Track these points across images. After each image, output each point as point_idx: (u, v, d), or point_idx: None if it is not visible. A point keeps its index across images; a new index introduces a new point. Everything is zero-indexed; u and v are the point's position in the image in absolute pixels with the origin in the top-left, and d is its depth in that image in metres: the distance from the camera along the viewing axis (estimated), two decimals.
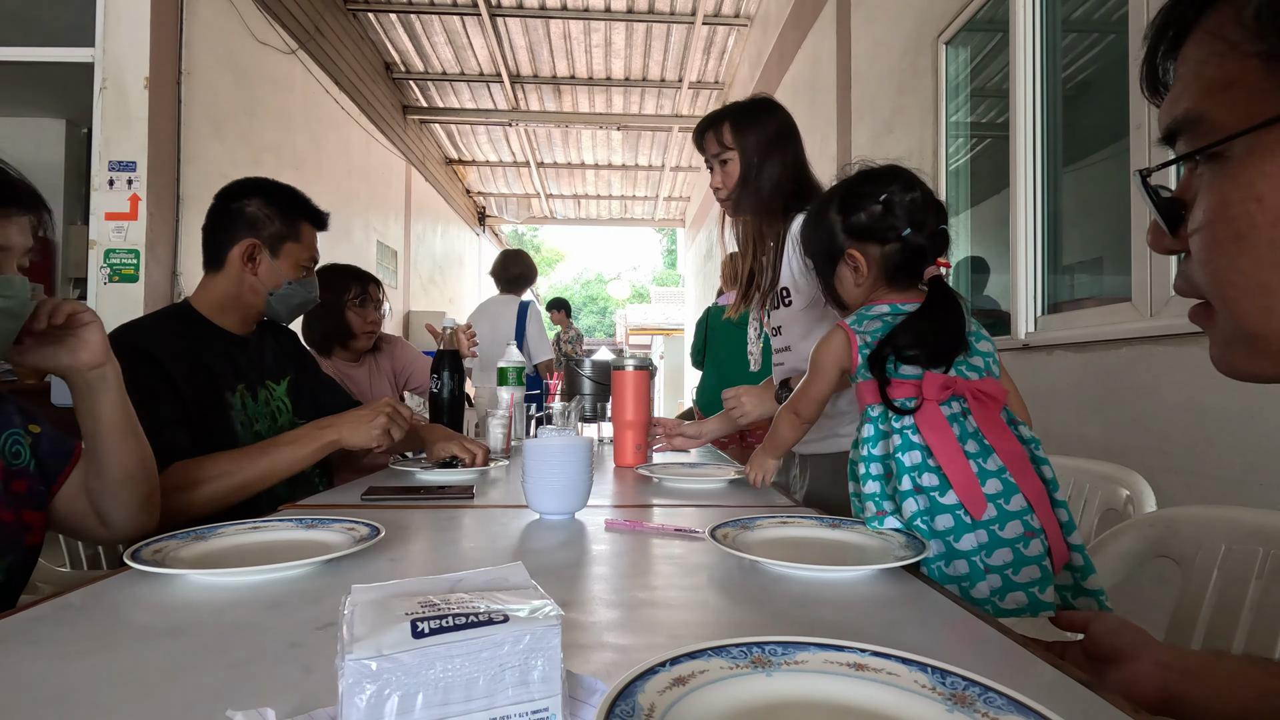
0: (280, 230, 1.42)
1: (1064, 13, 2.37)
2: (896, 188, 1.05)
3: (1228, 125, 0.39)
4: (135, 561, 0.71)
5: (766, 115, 1.53)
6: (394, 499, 1.18)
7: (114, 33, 3.45)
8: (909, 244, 1.04)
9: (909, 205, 1.04)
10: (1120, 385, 1.81)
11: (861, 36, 3.89)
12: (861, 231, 1.06)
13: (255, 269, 1.40)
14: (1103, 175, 2.20)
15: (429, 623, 0.35)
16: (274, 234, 1.41)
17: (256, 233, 1.40)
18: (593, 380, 2.40)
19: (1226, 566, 0.88)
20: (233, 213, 1.40)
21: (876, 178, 1.08)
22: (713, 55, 7.28)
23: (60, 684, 0.48)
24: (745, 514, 0.97)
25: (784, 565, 0.75)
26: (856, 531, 0.90)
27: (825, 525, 0.93)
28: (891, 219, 1.04)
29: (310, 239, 1.48)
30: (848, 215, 1.08)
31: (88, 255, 3.44)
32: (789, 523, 0.94)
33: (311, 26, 5.25)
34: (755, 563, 0.77)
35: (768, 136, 1.49)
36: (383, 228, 7.07)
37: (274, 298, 1.43)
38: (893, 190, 1.05)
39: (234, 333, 1.43)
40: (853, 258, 1.08)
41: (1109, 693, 0.47)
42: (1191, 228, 0.44)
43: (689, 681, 0.42)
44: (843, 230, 1.08)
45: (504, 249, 4.45)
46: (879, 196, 1.05)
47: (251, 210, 1.40)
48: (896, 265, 1.05)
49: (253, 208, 1.40)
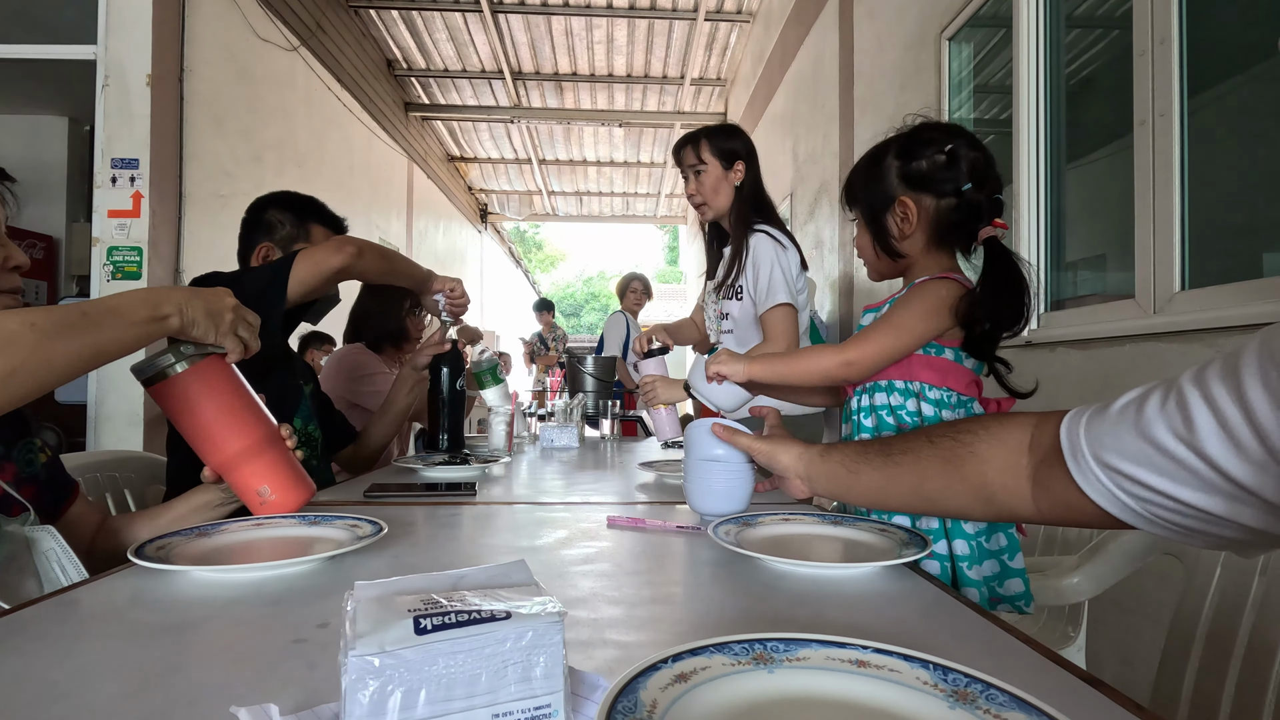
0: (291, 233, 1.51)
1: (1067, 8, 2.36)
2: (963, 142, 0.99)
3: None
4: (138, 558, 0.72)
5: (735, 137, 1.86)
6: (397, 495, 1.18)
7: (116, 30, 3.45)
8: (968, 200, 0.97)
9: (973, 160, 0.98)
10: (1123, 382, 1.81)
11: (864, 32, 3.88)
12: (919, 180, 1.00)
13: None
14: (1106, 171, 2.19)
15: (432, 619, 0.35)
16: (285, 237, 1.50)
17: (271, 237, 1.50)
18: (595, 378, 2.40)
19: (1229, 564, 0.88)
20: (254, 223, 1.52)
21: (944, 129, 1.02)
22: (715, 52, 7.27)
23: (63, 680, 0.48)
24: (748, 511, 0.97)
25: (791, 563, 0.75)
26: (858, 528, 0.90)
27: (828, 522, 0.93)
28: (954, 171, 0.98)
29: (321, 239, 1.53)
30: (907, 161, 1.01)
31: (90, 253, 3.45)
32: (791, 519, 0.94)
33: (313, 23, 5.25)
34: (758, 560, 0.77)
35: (736, 154, 1.82)
36: (385, 225, 7.08)
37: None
38: (959, 143, 0.99)
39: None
40: (904, 205, 1.01)
41: (1108, 687, 0.47)
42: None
43: (691, 678, 0.42)
44: (898, 176, 1.01)
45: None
46: (944, 146, 0.99)
47: (267, 217, 1.52)
48: (951, 223, 0.99)
49: (269, 215, 1.52)
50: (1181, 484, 0.50)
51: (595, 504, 1.17)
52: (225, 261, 1.54)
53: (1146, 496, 0.53)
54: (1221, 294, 1.56)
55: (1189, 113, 1.69)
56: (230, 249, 1.57)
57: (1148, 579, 1.60)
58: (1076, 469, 0.59)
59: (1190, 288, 1.67)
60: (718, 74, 7.71)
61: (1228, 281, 1.56)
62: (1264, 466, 0.45)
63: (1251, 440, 0.45)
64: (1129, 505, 0.55)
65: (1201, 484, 0.49)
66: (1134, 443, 0.53)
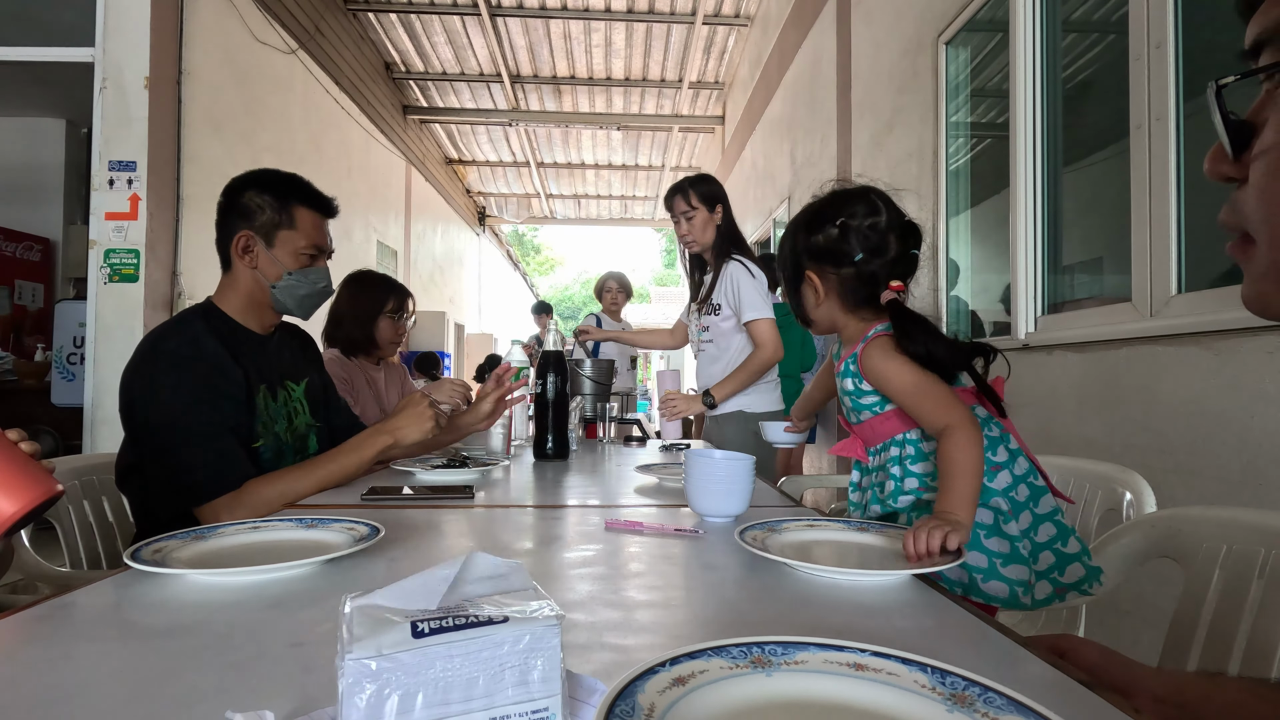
0: (273, 218, 1.36)
1: (1064, 13, 2.37)
2: (858, 210, 1.04)
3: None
4: (135, 561, 0.71)
5: (714, 184, 2.27)
6: (394, 499, 1.18)
7: (114, 32, 3.45)
8: (862, 270, 1.04)
9: (867, 230, 1.03)
10: (1120, 385, 1.81)
11: (862, 36, 3.89)
12: (819, 253, 1.07)
13: (254, 261, 1.37)
14: (1103, 175, 2.20)
15: (429, 622, 0.35)
16: (267, 222, 1.36)
17: (250, 223, 1.36)
18: (593, 380, 2.40)
19: (1228, 567, 0.88)
20: (232, 207, 1.38)
21: (840, 200, 1.07)
22: (713, 55, 7.29)
23: (60, 684, 0.48)
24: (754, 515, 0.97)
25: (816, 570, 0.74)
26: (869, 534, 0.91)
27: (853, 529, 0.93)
28: (845, 245, 1.04)
29: (309, 225, 1.39)
30: (809, 235, 1.08)
31: (88, 255, 3.44)
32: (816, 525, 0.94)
33: (311, 26, 5.26)
34: (757, 563, 0.77)
35: (717, 197, 2.23)
36: (383, 228, 7.07)
37: (277, 290, 1.38)
38: (852, 214, 1.04)
39: (255, 332, 1.41)
40: (809, 279, 1.08)
41: (1106, 691, 0.47)
42: (1257, 150, 0.41)
43: (689, 681, 0.42)
44: (804, 251, 1.08)
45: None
46: (836, 220, 1.05)
47: (245, 201, 1.37)
48: (852, 289, 1.06)
49: (247, 198, 1.37)
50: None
51: (593, 507, 1.16)
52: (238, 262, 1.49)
53: None
54: (1218, 297, 1.56)
55: (1185, 116, 1.70)
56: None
57: (1146, 581, 1.60)
58: None
59: (1187, 291, 1.68)
60: (715, 77, 7.73)
61: (1224, 284, 1.56)
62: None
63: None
64: None
65: None
66: None
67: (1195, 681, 0.61)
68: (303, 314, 1.46)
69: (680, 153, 9.66)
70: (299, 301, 1.42)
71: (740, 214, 7.49)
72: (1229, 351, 1.50)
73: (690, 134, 9.03)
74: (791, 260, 1.11)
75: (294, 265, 1.38)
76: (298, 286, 1.39)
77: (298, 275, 1.39)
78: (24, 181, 5.42)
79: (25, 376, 4.36)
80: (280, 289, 1.38)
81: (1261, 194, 0.41)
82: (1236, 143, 0.42)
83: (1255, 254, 0.42)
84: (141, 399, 1.22)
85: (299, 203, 1.39)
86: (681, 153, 9.68)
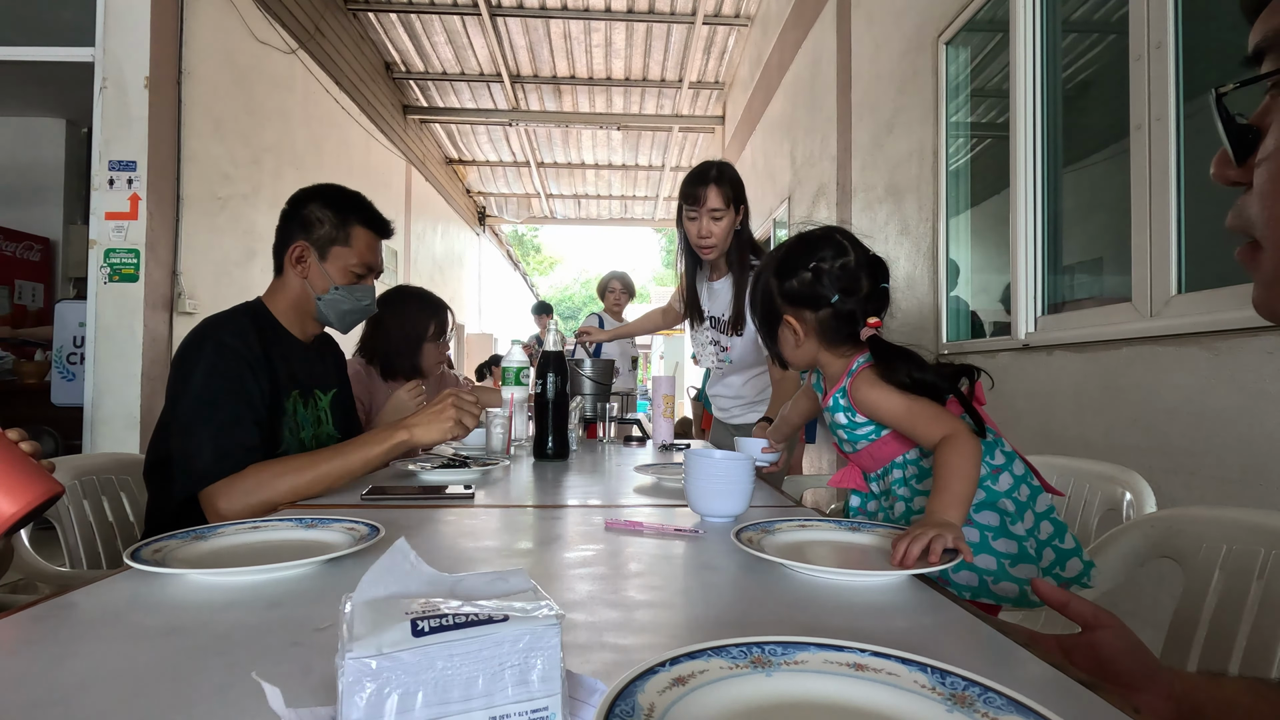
0: (330, 234, 1.41)
1: (1064, 13, 2.37)
2: (828, 253, 1.07)
3: None
4: (135, 561, 0.71)
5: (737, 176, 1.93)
6: (395, 499, 1.18)
7: (114, 32, 3.45)
8: (839, 310, 1.06)
9: (838, 272, 1.06)
10: (1120, 385, 1.81)
11: (862, 36, 3.89)
12: (795, 297, 1.09)
13: (305, 272, 1.41)
14: (1103, 175, 2.20)
15: (429, 621, 0.35)
16: (323, 237, 1.41)
17: (308, 235, 1.40)
18: (593, 380, 2.40)
19: (1228, 567, 0.88)
20: (294, 216, 1.42)
21: (808, 244, 1.10)
22: (713, 55, 7.28)
23: (60, 684, 0.48)
24: (754, 516, 0.97)
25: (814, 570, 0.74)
26: (865, 534, 0.91)
27: (844, 529, 0.93)
28: (820, 286, 1.06)
29: (363, 245, 1.44)
30: (782, 281, 1.10)
31: (88, 255, 3.44)
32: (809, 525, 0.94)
33: (312, 26, 5.26)
34: (758, 564, 0.77)
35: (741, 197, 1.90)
36: None
37: (322, 303, 1.43)
38: (822, 257, 1.07)
39: (297, 338, 1.45)
40: (788, 323, 1.10)
41: (1108, 693, 0.47)
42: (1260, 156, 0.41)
43: (689, 681, 0.42)
44: (779, 295, 1.10)
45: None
46: (808, 264, 1.07)
47: (307, 213, 1.41)
48: (832, 329, 1.08)
49: (309, 210, 1.41)
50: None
51: (593, 507, 1.16)
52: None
53: None
54: (1218, 297, 1.56)
55: (1185, 116, 1.70)
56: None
57: (1146, 581, 1.60)
58: None
59: (1187, 291, 1.68)
60: (715, 77, 7.73)
61: (1224, 285, 1.56)
62: None
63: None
64: None
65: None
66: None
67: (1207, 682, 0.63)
68: (342, 328, 1.49)
69: (680, 153, 9.66)
70: (341, 316, 1.46)
71: None
72: (1229, 351, 1.50)
73: (690, 134, 9.03)
74: (765, 306, 1.13)
75: (342, 281, 1.42)
76: (342, 302, 1.43)
77: (344, 291, 1.43)
78: (24, 181, 5.42)
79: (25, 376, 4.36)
80: (325, 302, 1.43)
81: (1265, 199, 0.41)
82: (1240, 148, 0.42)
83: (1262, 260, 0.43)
84: (180, 376, 1.26)
85: (358, 222, 1.43)
86: (681, 153, 9.67)
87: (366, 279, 1.47)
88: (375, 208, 1.48)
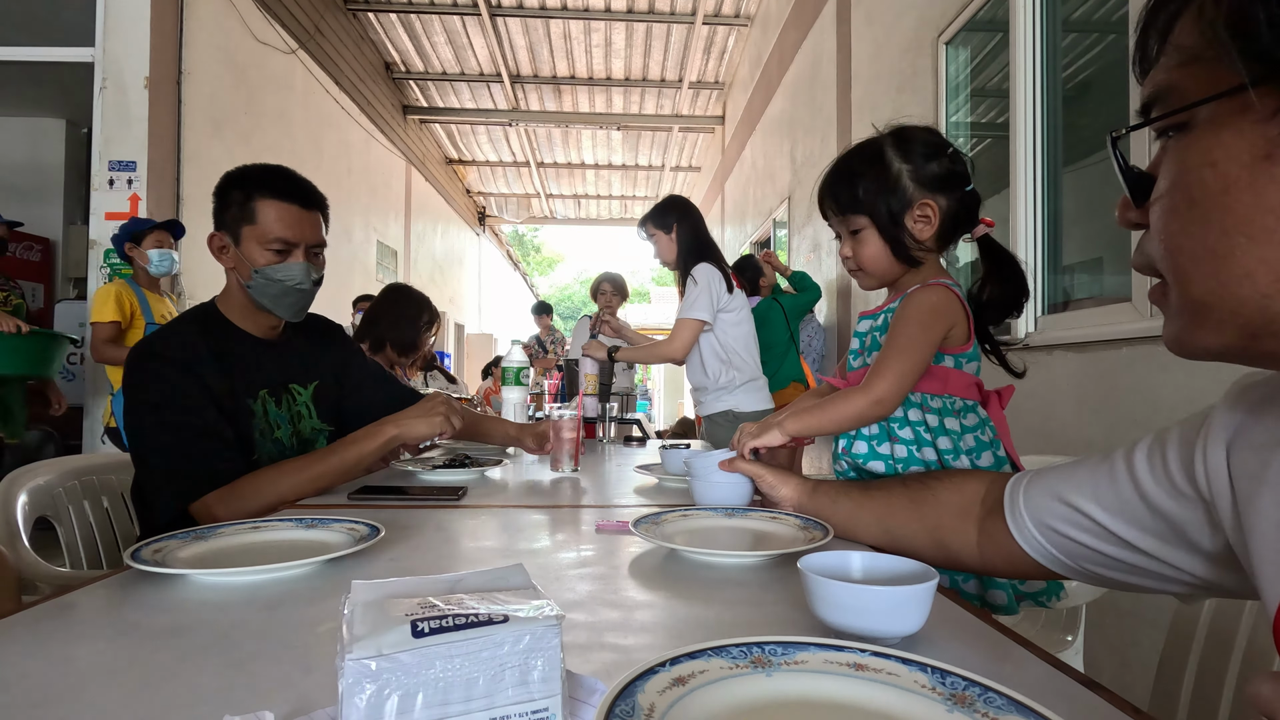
0: (237, 214, 1.28)
1: (1064, 13, 2.37)
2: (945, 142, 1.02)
3: (1193, 95, 0.40)
4: (135, 561, 0.71)
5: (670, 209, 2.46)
6: (389, 499, 1.18)
7: (114, 32, 3.46)
8: (969, 197, 1.01)
9: (964, 159, 1.01)
10: (1120, 385, 1.81)
11: (862, 36, 3.89)
12: (934, 181, 1.00)
13: (231, 262, 1.30)
14: (1103, 175, 2.20)
15: (429, 622, 0.35)
16: (233, 220, 1.28)
17: (222, 223, 1.29)
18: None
19: None
20: (216, 208, 1.32)
21: (935, 134, 1.03)
22: (713, 55, 7.29)
23: (60, 684, 0.48)
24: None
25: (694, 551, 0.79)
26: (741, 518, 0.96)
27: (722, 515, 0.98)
28: (960, 168, 1.00)
29: (272, 217, 1.27)
30: (922, 163, 1.00)
31: (87, 255, 3.45)
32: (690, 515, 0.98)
33: (311, 26, 5.26)
34: (768, 564, 0.77)
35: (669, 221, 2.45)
36: (383, 228, 7.07)
37: (252, 290, 1.30)
38: (949, 146, 1.02)
39: (257, 336, 1.35)
40: (925, 207, 1.00)
41: (1106, 690, 0.47)
42: (1154, 197, 0.45)
43: (689, 681, 0.42)
44: (912, 179, 1.00)
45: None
46: (946, 148, 1.00)
47: (220, 201, 1.30)
48: (951, 221, 1.01)
49: (222, 198, 1.30)
50: (1100, 539, 0.61)
51: (593, 507, 1.16)
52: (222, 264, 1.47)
53: (1071, 550, 0.64)
54: None
55: None
56: None
57: None
58: (1014, 524, 0.69)
59: None
60: (715, 77, 7.73)
61: None
62: (1148, 527, 0.58)
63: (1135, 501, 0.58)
64: (1057, 557, 0.66)
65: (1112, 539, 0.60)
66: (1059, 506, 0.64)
67: (807, 491, 0.95)
68: (285, 314, 1.34)
69: (680, 153, 9.67)
70: (275, 300, 1.31)
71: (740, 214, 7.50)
72: None
73: (690, 134, 9.04)
74: (895, 190, 1.00)
75: (263, 262, 1.27)
76: (269, 286, 1.28)
77: (265, 273, 1.28)
78: (24, 181, 5.42)
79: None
80: (254, 289, 1.29)
81: (1160, 235, 0.44)
82: (1137, 192, 0.46)
83: (1170, 297, 0.45)
84: (128, 409, 1.19)
85: (263, 194, 1.28)
86: (681, 153, 9.68)
87: (291, 254, 1.29)
88: (289, 174, 1.31)
